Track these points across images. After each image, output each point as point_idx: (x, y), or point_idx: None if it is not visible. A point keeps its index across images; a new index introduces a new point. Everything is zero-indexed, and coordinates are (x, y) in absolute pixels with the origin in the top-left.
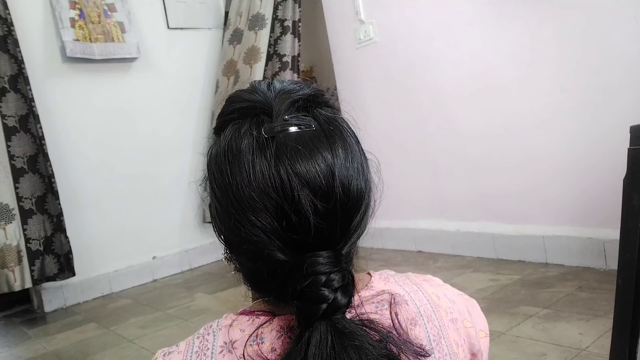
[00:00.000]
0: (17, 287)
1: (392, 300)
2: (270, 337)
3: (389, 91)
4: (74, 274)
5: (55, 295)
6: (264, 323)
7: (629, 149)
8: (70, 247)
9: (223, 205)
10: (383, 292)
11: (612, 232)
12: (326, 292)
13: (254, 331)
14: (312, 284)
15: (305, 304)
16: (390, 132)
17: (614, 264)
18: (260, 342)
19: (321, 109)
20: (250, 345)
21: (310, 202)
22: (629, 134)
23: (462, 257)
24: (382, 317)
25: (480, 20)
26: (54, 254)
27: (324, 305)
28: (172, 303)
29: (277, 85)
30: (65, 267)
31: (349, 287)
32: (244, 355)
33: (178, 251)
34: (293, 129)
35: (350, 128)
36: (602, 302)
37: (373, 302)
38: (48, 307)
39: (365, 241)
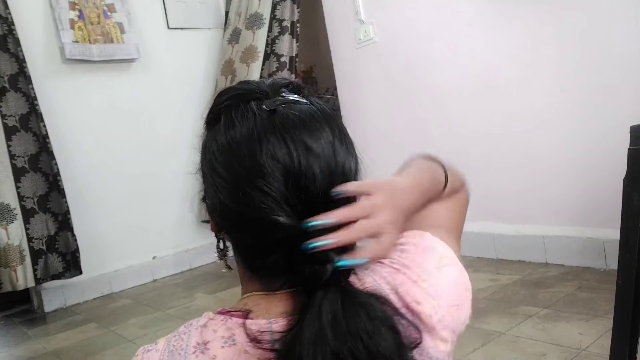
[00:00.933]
0: (20, 286)
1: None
2: (242, 339)
3: (389, 91)
4: (80, 272)
5: (55, 295)
6: (240, 320)
7: (629, 149)
8: (77, 245)
9: (229, 181)
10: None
11: (612, 232)
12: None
13: (231, 332)
14: None
15: (313, 266)
16: (390, 132)
17: (614, 264)
18: (233, 343)
19: (310, 96)
20: (222, 347)
21: (316, 166)
22: (629, 134)
23: (462, 257)
24: None
25: (480, 20)
26: (58, 253)
27: (330, 266)
28: (172, 303)
29: (267, 79)
30: (72, 266)
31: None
32: (216, 357)
33: (178, 251)
34: (292, 102)
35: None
36: (602, 302)
37: None
38: (48, 307)
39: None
